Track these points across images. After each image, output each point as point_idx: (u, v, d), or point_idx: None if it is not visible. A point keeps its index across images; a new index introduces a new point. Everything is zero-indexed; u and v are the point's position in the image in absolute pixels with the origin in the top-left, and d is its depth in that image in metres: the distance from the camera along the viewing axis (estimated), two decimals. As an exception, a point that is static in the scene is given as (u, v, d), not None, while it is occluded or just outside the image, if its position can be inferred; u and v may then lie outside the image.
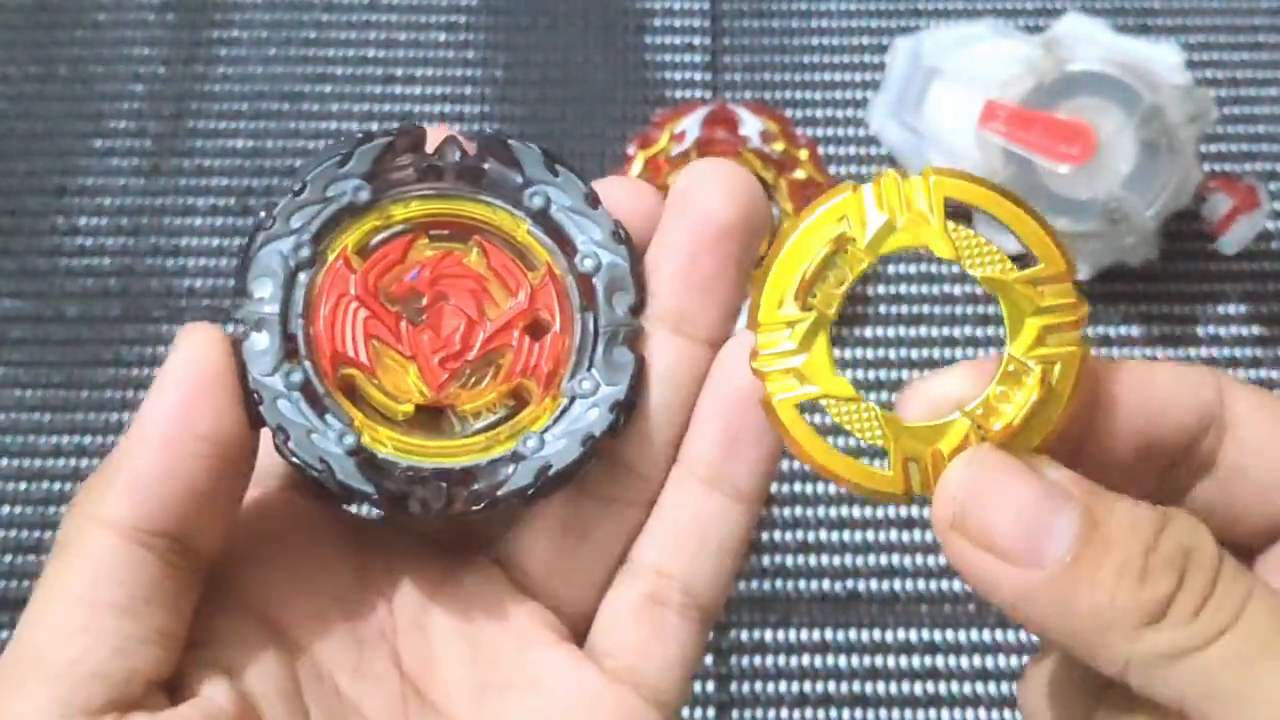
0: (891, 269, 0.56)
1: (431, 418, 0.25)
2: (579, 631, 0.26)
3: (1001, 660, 0.49)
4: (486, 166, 0.25)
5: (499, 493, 0.24)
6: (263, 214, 0.25)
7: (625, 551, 0.25)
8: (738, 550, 0.25)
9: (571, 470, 0.24)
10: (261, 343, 0.24)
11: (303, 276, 0.25)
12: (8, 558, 0.51)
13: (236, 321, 0.24)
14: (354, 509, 0.26)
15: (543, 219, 0.25)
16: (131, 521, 0.22)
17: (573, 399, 0.25)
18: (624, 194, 0.26)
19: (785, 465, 0.53)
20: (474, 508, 0.24)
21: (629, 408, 0.25)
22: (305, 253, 0.25)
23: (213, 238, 0.57)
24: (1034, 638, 0.49)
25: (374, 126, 0.59)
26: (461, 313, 0.25)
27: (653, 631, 0.25)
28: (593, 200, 0.25)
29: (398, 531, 0.26)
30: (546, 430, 0.25)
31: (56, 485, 0.53)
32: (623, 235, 0.25)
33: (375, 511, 0.26)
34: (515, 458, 0.24)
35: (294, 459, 0.24)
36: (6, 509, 0.52)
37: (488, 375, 0.25)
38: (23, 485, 0.53)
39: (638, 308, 0.25)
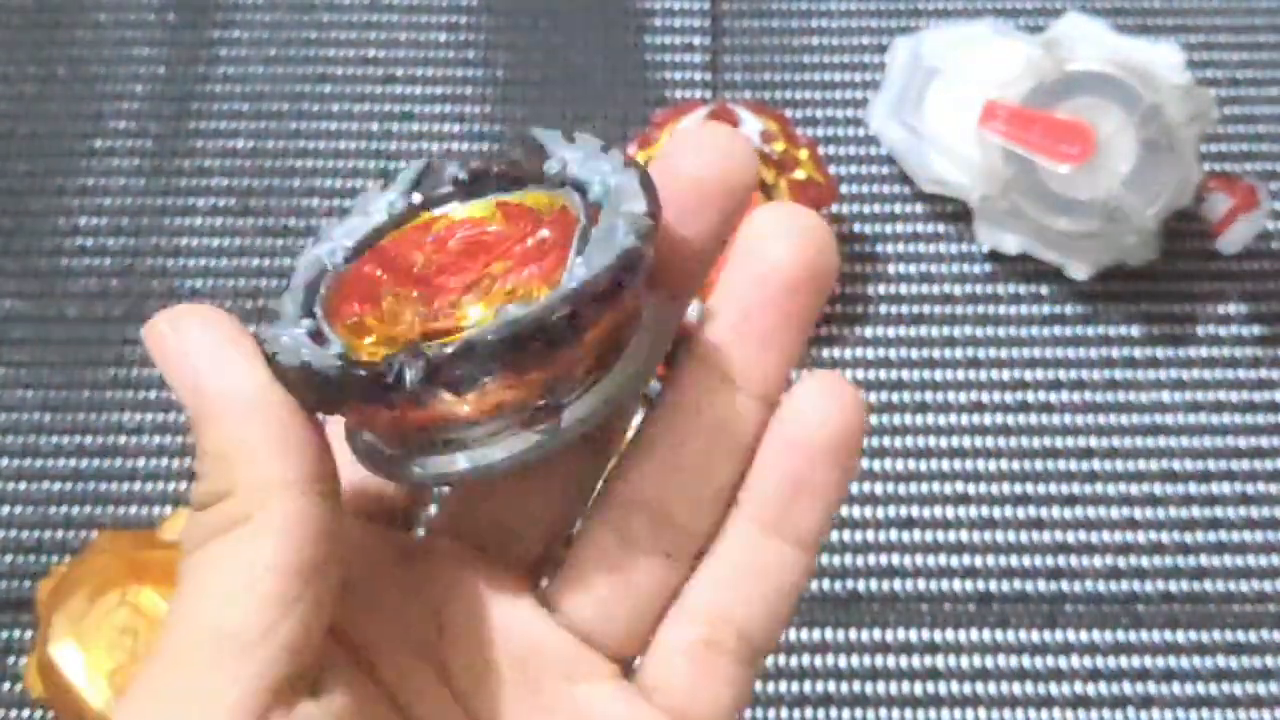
0: (892, 269, 0.56)
1: None
2: (625, 666, 0.25)
3: (1001, 660, 0.49)
4: (523, 165, 0.25)
5: (450, 349, 0.22)
6: (314, 229, 0.25)
7: (670, 604, 0.25)
8: (794, 596, 0.25)
9: (535, 323, 0.22)
10: (284, 308, 0.24)
11: (338, 267, 0.25)
12: (8, 557, 0.51)
13: (272, 313, 0.24)
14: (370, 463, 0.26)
15: (560, 179, 0.25)
16: (305, 475, 0.22)
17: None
18: (705, 140, 0.25)
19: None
20: (463, 358, 0.22)
21: (615, 271, 0.22)
22: (340, 256, 0.25)
23: (214, 238, 0.57)
24: (1033, 638, 0.49)
25: (375, 127, 0.59)
26: (469, 252, 0.24)
27: (706, 673, 0.25)
28: (607, 147, 0.25)
29: (450, 551, 0.26)
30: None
31: (57, 485, 0.53)
32: (634, 163, 0.24)
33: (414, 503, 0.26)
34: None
35: (277, 362, 0.23)
36: (7, 509, 0.52)
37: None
38: (23, 485, 0.53)
39: (649, 210, 0.23)
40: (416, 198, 0.26)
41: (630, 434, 0.26)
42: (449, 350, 0.22)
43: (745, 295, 0.24)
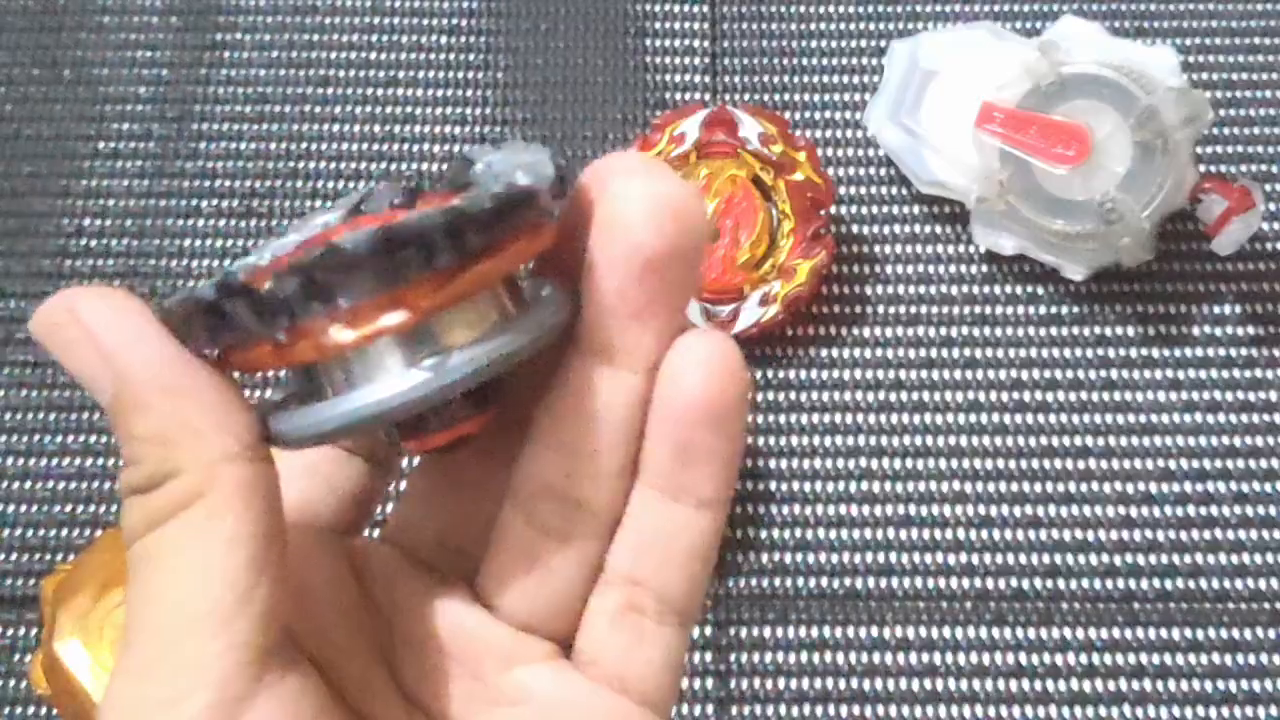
0: (890, 269, 0.56)
1: None
2: (564, 644, 0.26)
3: (999, 657, 0.50)
4: (455, 180, 0.25)
5: (360, 238, 0.21)
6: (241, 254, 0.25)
7: (590, 580, 0.25)
8: (706, 555, 0.25)
9: (384, 233, 0.21)
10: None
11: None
12: (14, 555, 0.52)
13: None
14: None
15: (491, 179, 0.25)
16: (242, 443, 0.22)
17: None
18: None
19: (785, 465, 0.53)
20: (330, 261, 0.21)
21: (477, 201, 0.22)
22: (267, 259, 0.25)
23: (217, 239, 0.57)
24: (1030, 635, 0.50)
25: (377, 129, 0.59)
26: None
27: (632, 638, 0.25)
28: (534, 145, 0.24)
29: (399, 556, 0.27)
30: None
31: (62, 485, 0.53)
32: (555, 151, 0.24)
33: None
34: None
35: (165, 309, 0.22)
36: (13, 507, 0.52)
37: None
38: (28, 484, 0.53)
39: (553, 174, 0.23)
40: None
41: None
42: (317, 252, 0.21)
43: (613, 274, 0.23)
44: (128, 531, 0.22)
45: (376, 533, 0.28)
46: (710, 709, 0.49)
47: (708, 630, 0.51)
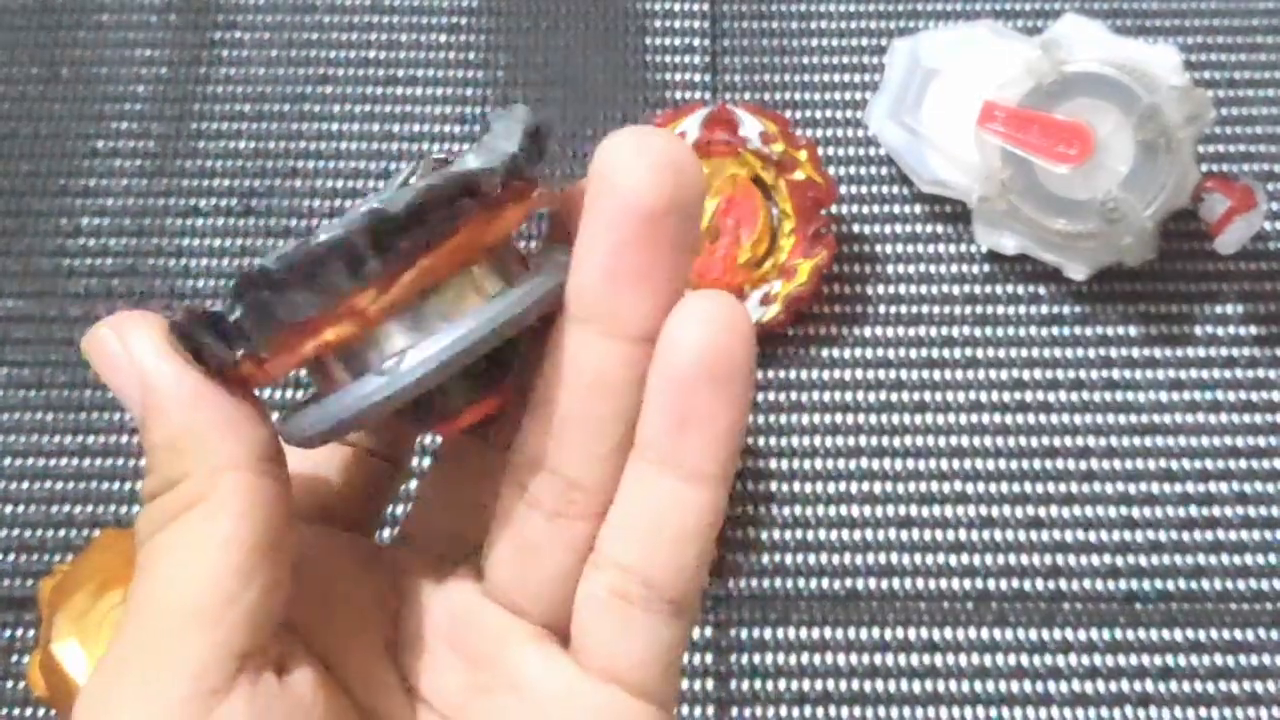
0: (891, 269, 0.56)
1: None
2: (560, 630, 0.25)
3: (1000, 658, 0.49)
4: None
5: (313, 238, 0.21)
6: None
7: (581, 562, 0.24)
8: (701, 536, 0.23)
9: (342, 231, 0.21)
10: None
11: None
12: (11, 556, 0.52)
13: None
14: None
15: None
16: (252, 454, 0.23)
17: None
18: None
19: (785, 465, 0.53)
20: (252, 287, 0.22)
21: (425, 192, 0.22)
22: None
23: (216, 238, 0.57)
24: (1032, 636, 0.49)
25: (376, 128, 0.59)
26: None
27: (620, 626, 0.24)
28: (526, 115, 0.24)
29: (410, 553, 0.27)
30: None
31: (60, 485, 0.53)
32: (535, 118, 0.24)
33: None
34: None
35: (173, 323, 0.23)
36: (11, 508, 0.52)
37: None
38: (25, 485, 0.53)
39: (513, 151, 0.23)
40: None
41: None
42: (243, 275, 0.22)
43: (606, 236, 0.22)
44: (139, 534, 0.23)
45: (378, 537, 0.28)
46: (710, 710, 0.49)
47: (708, 631, 0.50)
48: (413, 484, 0.53)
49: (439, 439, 0.27)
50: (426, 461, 0.53)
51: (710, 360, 0.22)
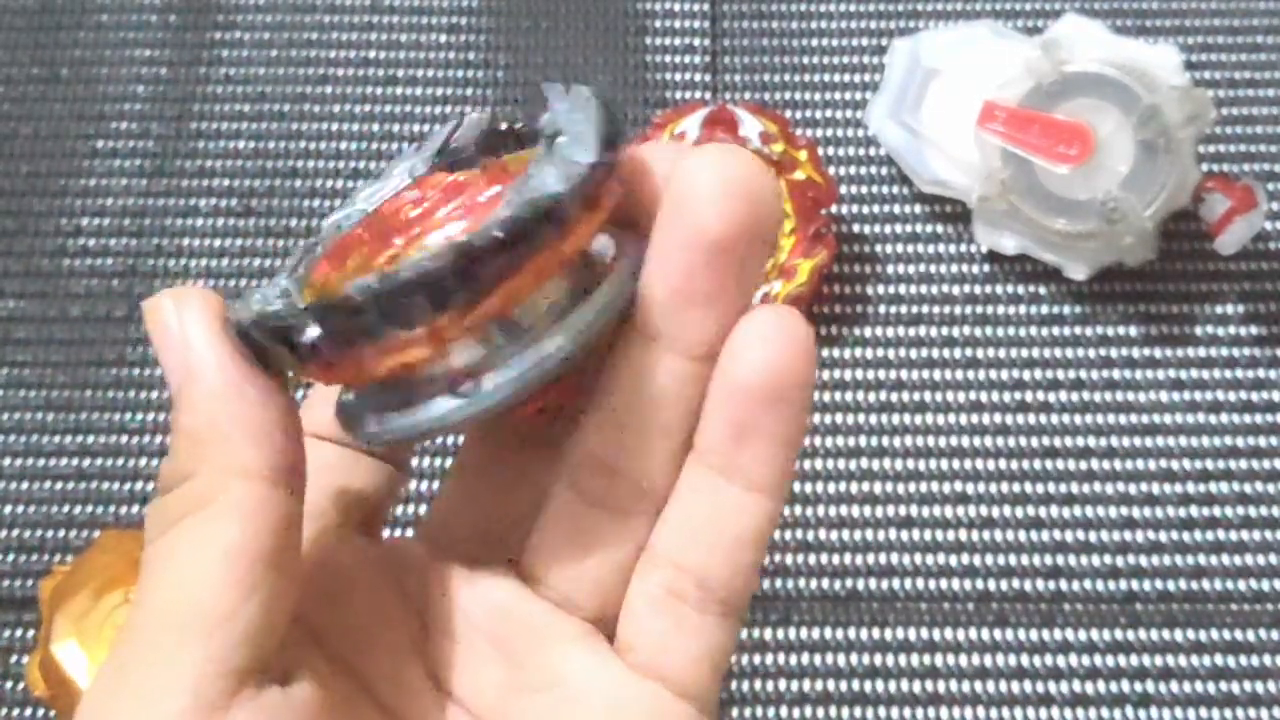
0: (891, 269, 0.56)
1: None
2: (606, 627, 0.25)
3: (1000, 659, 0.49)
4: (536, 125, 0.25)
5: (397, 269, 0.21)
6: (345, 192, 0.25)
7: (636, 559, 0.25)
8: (756, 543, 0.24)
9: (432, 264, 0.21)
10: (282, 273, 0.24)
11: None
12: (11, 556, 0.52)
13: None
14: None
15: (551, 133, 0.24)
16: (267, 465, 0.22)
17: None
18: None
19: (785, 464, 0.53)
20: (361, 289, 0.21)
21: (507, 223, 0.21)
22: (353, 220, 0.25)
23: (215, 239, 0.57)
24: (1032, 637, 0.49)
25: (376, 128, 0.59)
26: (424, 216, 0.24)
27: (672, 624, 0.24)
28: (593, 97, 0.24)
29: (432, 550, 0.26)
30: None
31: (60, 485, 0.53)
32: (604, 107, 0.23)
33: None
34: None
35: (230, 319, 0.23)
36: (10, 508, 0.52)
37: None
38: (25, 485, 0.53)
39: (593, 160, 0.22)
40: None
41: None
42: (328, 302, 0.22)
43: (677, 259, 0.23)
44: (147, 532, 0.23)
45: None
46: (711, 711, 0.49)
47: (708, 631, 0.50)
48: (413, 484, 0.53)
49: (459, 439, 0.27)
50: (434, 462, 0.53)
51: (772, 376, 0.23)
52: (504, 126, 0.25)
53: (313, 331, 0.22)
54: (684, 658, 0.24)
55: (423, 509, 0.52)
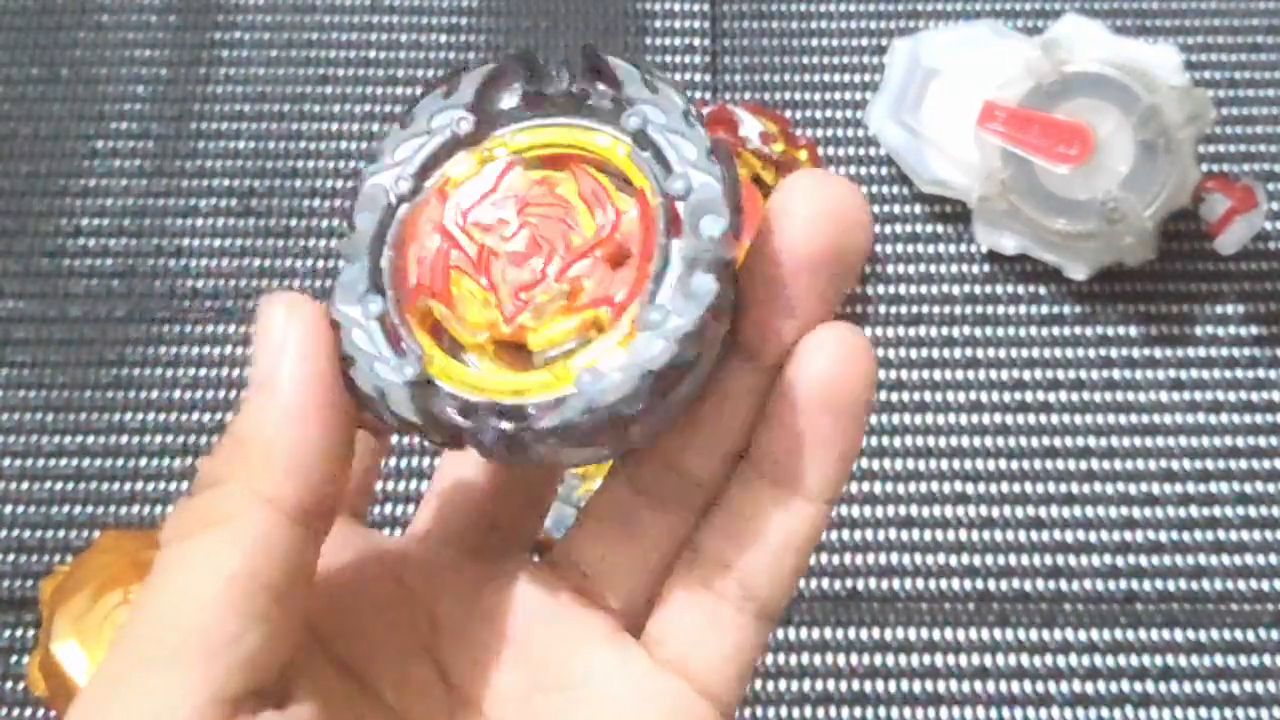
0: (891, 269, 0.56)
1: (517, 353, 0.24)
2: (636, 625, 0.25)
3: (1001, 658, 0.49)
4: (591, 90, 0.24)
5: (542, 425, 0.22)
6: (370, 145, 0.25)
7: (678, 553, 0.25)
8: (802, 550, 0.24)
9: (622, 408, 0.22)
10: (350, 274, 0.24)
11: (403, 210, 0.24)
12: (11, 557, 0.51)
13: (340, 255, 0.24)
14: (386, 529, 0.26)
15: (641, 139, 0.24)
16: (297, 502, 0.22)
17: (642, 330, 0.22)
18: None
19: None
20: (517, 442, 0.22)
21: (696, 339, 0.22)
22: (406, 185, 0.24)
23: (215, 238, 0.57)
24: (1032, 637, 0.49)
25: (376, 127, 0.59)
26: (542, 242, 0.24)
27: (707, 620, 0.24)
28: (691, 118, 0.24)
29: (439, 547, 0.26)
30: (607, 364, 0.22)
31: (59, 485, 0.53)
32: (720, 154, 0.23)
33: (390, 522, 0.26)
34: (569, 394, 0.22)
35: (354, 389, 0.23)
36: (10, 508, 0.52)
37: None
38: (25, 485, 0.53)
39: (729, 232, 0.23)
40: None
41: None
42: (527, 430, 0.22)
43: (768, 270, 0.23)
44: (164, 532, 0.22)
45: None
46: (711, 711, 0.49)
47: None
48: (414, 484, 0.53)
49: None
50: (427, 461, 0.53)
51: (832, 391, 0.23)
52: (550, 91, 0.25)
53: (485, 440, 0.22)
54: (713, 655, 0.24)
55: (410, 509, 0.52)
